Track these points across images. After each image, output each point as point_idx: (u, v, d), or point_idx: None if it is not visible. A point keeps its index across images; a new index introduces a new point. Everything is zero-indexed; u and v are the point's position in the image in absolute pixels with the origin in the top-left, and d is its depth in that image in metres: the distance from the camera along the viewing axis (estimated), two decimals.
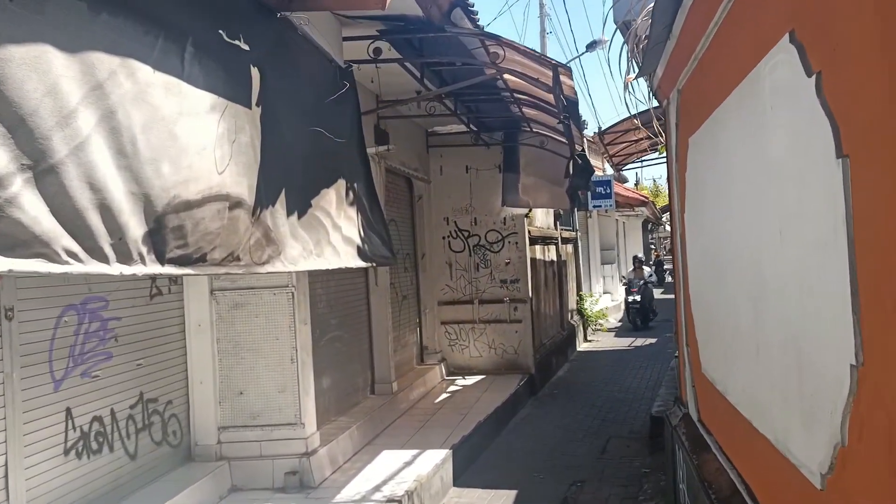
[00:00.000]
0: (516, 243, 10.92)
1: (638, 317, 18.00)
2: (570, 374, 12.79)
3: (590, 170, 9.96)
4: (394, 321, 9.36)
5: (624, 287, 19.10)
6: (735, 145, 3.35)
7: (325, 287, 7.32)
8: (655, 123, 6.86)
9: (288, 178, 4.55)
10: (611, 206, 18.02)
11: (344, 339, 7.76)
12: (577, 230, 17.08)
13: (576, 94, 6.87)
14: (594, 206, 17.99)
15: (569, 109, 6.69)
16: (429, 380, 10.09)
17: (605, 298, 22.17)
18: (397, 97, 7.63)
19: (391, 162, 9.10)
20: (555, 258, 14.09)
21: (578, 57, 40.18)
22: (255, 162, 4.10)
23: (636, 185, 45.48)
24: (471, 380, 10.67)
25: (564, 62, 10.14)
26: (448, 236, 11.13)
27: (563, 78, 5.92)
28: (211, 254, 3.70)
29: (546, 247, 13.15)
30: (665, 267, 43.36)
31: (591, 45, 16.66)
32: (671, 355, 14.64)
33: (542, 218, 13.00)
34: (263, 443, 5.93)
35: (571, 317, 15.89)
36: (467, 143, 10.48)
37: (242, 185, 3.95)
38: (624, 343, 16.47)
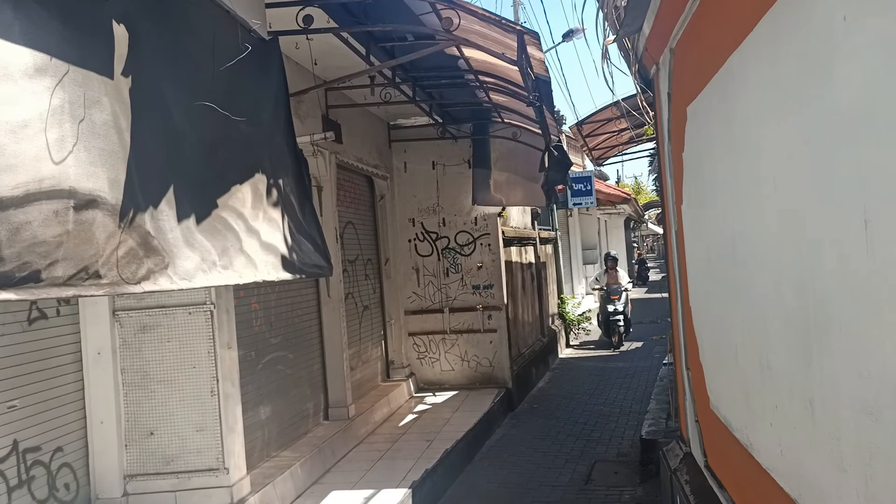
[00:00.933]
0: (489, 245, 9.96)
1: (620, 332, 14.94)
2: (552, 384, 11.85)
3: (567, 162, 9.03)
4: (352, 335, 8.37)
5: (600, 296, 15.48)
6: (767, 100, 2.39)
7: (263, 301, 6.32)
8: (640, 98, 5.91)
9: (178, 169, 3.55)
10: (592, 203, 17.13)
11: (288, 361, 6.75)
12: (556, 229, 16.17)
13: (547, 72, 5.92)
14: (574, 204, 17.09)
15: (540, 89, 5.74)
16: (394, 399, 9.10)
17: (588, 301, 21.30)
18: (343, 82, 6.65)
19: (345, 157, 8.10)
20: (533, 260, 13.15)
21: (555, 47, 39.25)
22: (120, 148, 3.08)
23: (617, 182, 44.81)
24: (442, 396, 9.70)
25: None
26: (414, 239, 10.16)
27: (531, 49, 4.97)
28: (48, 270, 2.69)
29: (523, 248, 12.21)
30: (648, 265, 42.89)
31: (568, 35, 15.77)
32: (659, 360, 13.77)
33: (518, 217, 12.05)
34: (179, 493, 4.93)
35: (552, 322, 14.96)
36: (433, 136, 9.50)
37: (99, 179, 2.94)
38: (608, 349, 15.55)
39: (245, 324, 5.86)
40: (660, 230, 53.33)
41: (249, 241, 4.06)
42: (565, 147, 9.86)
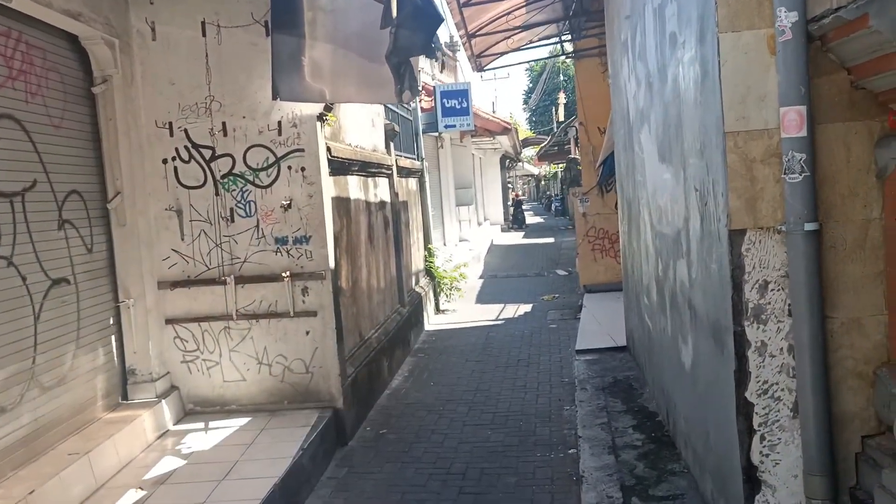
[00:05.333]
0: (303, 171, 5.86)
1: None
2: (413, 382, 8.03)
3: (432, 14, 5.05)
4: (7, 340, 4.15)
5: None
6: None
7: None
8: None
9: None
10: (468, 126, 13.26)
11: None
12: (423, 160, 12.21)
13: None
14: (447, 127, 13.15)
15: None
16: (125, 441, 4.98)
17: (462, 249, 17.68)
18: None
19: None
20: (387, 198, 9.17)
21: None
22: None
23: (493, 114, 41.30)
24: (221, 429, 5.66)
25: None
26: (173, 158, 5.91)
27: None
28: None
29: (370, 180, 8.18)
30: (524, 208, 40.08)
31: None
32: (561, 330, 10.32)
33: (359, 129, 7.96)
34: None
35: (417, 282, 11.13)
36: None
37: None
38: (491, 312, 11.95)
39: None
40: (536, 170, 50.66)
41: None
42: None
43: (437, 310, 12.12)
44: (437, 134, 16.40)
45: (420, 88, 12.03)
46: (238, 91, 5.83)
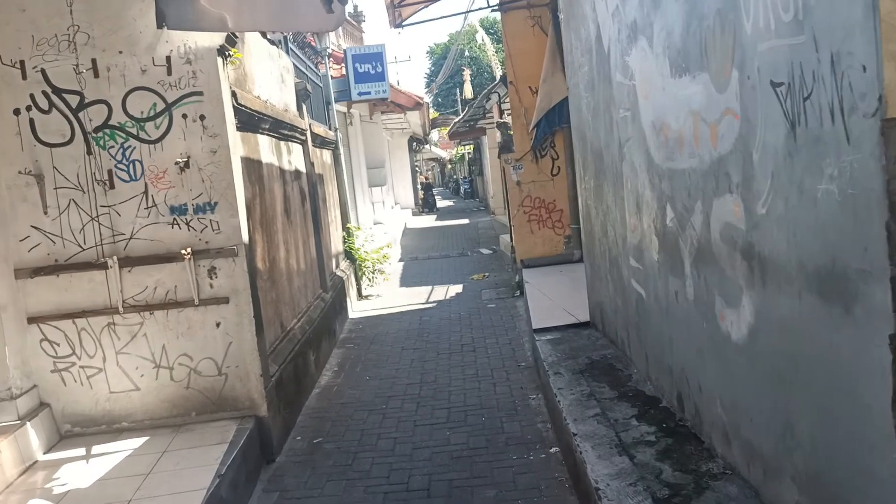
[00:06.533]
0: (202, 119, 4.61)
1: None
2: (346, 377, 6.89)
3: None
4: None
5: None
6: None
7: None
8: None
9: None
10: (384, 93, 12.07)
11: None
12: (336, 130, 10.96)
13: None
14: (361, 94, 11.93)
15: None
16: None
17: (378, 232, 16.51)
18: None
19: None
20: (303, 168, 7.94)
21: None
22: None
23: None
24: (111, 453, 4.38)
25: None
26: (28, 108, 4.54)
27: None
28: None
29: (283, 144, 6.95)
30: (434, 191, 39.11)
31: None
32: (500, 309, 9.34)
33: (269, 82, 6.68)
34: None
35: (337, 265, 9.94)
36: None
37: None
38: (419, 295, 10.90)
39: None
40: (444, 153, 49.64)
41: None
42: None
43: (360, 295, 10.97)
44: (346, 111, 15.15)
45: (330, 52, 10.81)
46: (111, 18, 4.51)
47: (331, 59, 12.90)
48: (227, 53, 4.73)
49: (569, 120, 9.83)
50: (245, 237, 4.75)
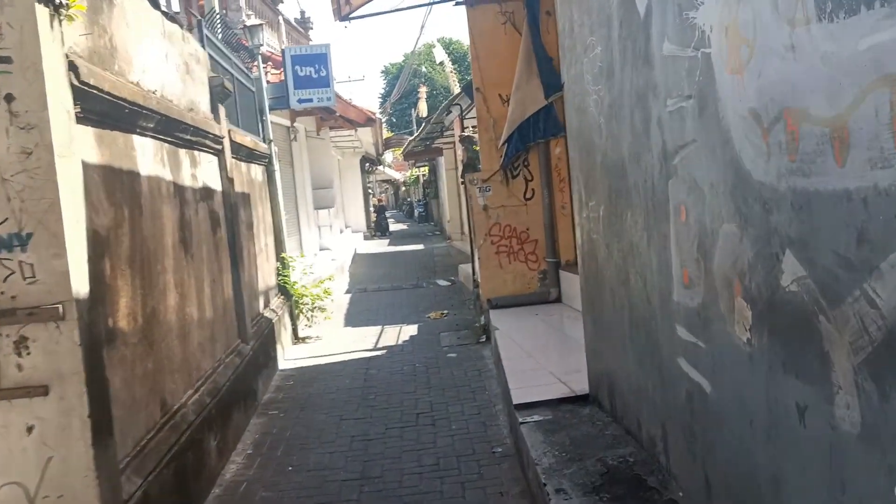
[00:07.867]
0: (8, 102, 2.88)
1: None
2: (261, 467, 5.13)
3: None
4: None
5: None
6: None
7: None
8: None
9: None
10: (329, 100, 10.37)
11: None
12: (271, 141, 9.22)
13: None
14: (301, 101, 10.21)
15: None
16: None
17: (324, 259, 14.74)
18: None
19: None
20: (216, 185, 6.21)
21: None
22: None
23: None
24: None
25: None
26: None
27: None
28: None
29: (183, 152, 5.22)
30: (387, 214, 37.37)
31: None
32: (465, 360, 7.58)
33: (158, 65, 4.93)
34: None
35: (267, 303, 8.17)
36: None
37: None
38: (366, 338, 9.19)
39: None
40: (398, 175, 47.90)
41: None
42: None
43: (296, 338, 9.21)
44: (289, 124, 13.42)
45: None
46: None
47: (269, 62, 11.22)
48: (59, 2, 3.03)
49: (546, 134, 8.34)
50: (80, 288, 3.02)
